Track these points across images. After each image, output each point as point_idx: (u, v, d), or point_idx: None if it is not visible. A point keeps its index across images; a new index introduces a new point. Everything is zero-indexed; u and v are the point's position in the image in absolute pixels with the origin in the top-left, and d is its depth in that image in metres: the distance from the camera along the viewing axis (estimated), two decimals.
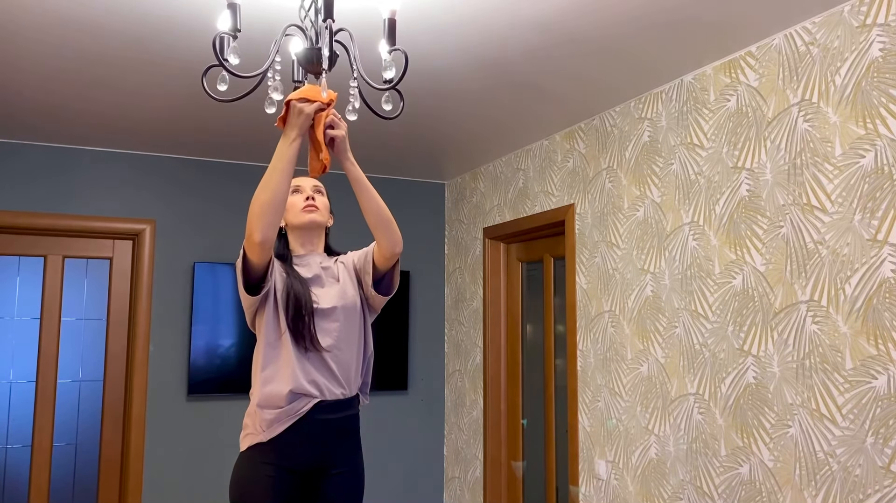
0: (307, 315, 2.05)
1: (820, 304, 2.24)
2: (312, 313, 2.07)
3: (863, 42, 2.14)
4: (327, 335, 2.08)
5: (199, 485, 4.00)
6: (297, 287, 2.08)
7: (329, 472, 2.11)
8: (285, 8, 2.29)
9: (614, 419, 3.11)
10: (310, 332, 2.05)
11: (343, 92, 2.94)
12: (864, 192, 2.12)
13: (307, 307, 2.06)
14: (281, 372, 2.04)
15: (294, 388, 2.02)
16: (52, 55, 2.67)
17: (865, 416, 2.08)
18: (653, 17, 2.34)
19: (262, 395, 2.05)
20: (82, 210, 3.91)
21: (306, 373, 2.05)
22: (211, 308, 4.03)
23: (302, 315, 2.05)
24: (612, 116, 3.23)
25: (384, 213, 2.05)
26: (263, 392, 2.04)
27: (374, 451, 4.43)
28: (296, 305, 2.05)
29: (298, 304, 2.05)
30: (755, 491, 2.43)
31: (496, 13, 2.33)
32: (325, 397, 2.06)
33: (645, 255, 2.99)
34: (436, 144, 3.90)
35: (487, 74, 2.86)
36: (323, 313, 2.09)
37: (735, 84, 2.59)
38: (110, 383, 3.97)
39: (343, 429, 2.12)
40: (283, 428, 2.03)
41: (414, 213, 4.69)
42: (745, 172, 2.53)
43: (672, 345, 2.82)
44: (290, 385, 2.02)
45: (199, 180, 4.17)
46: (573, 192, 3.47)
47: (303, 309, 2.05)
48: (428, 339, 4.66)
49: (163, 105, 3.24)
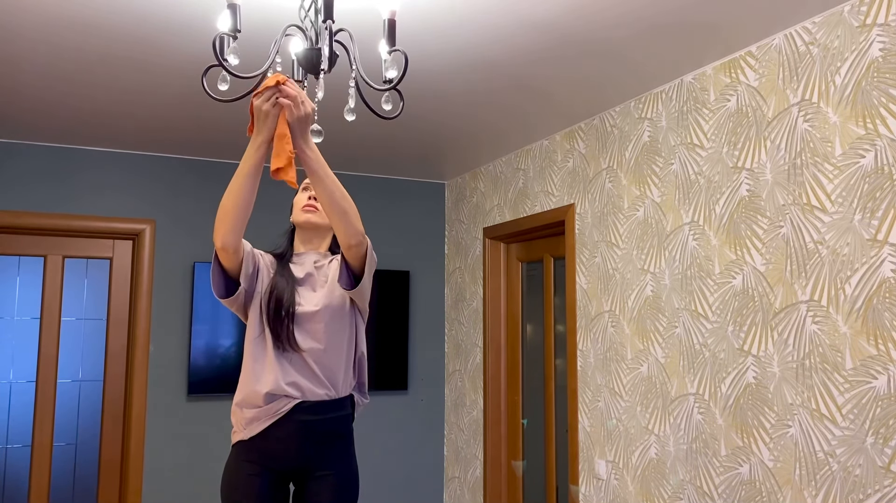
0: (287, 317, 2.04)
1: (820, 304, 2.23)
2: (292, 315, 2.05)
3: (863, 42, 2.14)
4: (309, 337, 2.06)
5: (199, 485, 4.00)
6: (280, 287, 2.07)
7: (313, 475, 2.09)
8: (285, 8, 2.29)
9: (614, 419, 3.11)
10: (287, 333, 2.03)
11: (343, 92, 2.94)
12: (864, 192, 2.12)
13: (287, 309, 2.04)
14: (262, 371, 2.04)
15: (272, 390, 2.02)
16: (52, 55, 2.67)
17: (865, 416, 2.08)
18: (653, 17, 2.34)
19: (241, 395, 2.05)
20: (82, 210, 3.91)
21: (286, 373, 2.03)
22: (211, 308, 4.03)
23: (281, 316, 2.03)
24: (612, 116, 3.23)
25: (337, 204, 1.90)
26: (242, 391, 2.05)
27: (374, 451, 4.43)
28: (276, 306, 2.04)
29: (279, 305, 2.04)
30: (755, 491, 2.43)
31: (496, 13, 2.33)
32: (306, 398, 2.04)
33: (645, 255, 2.99)
34: (436, 144, 3.90)
35: (488, 75, 2.86)
36: (306, 316, 2.07)
37: (735, 84, 2.59)
38: (110, 383, 3.97)
39: (328, 430, 2.08)
40: (262, 427, 2.02)
41: (414, 213, 4.69)
42: (745, 172, 2.53)
43: (672, 345, 2.82)
44: (268, 386, 2.02)
45: (199, 180, 4.17)
46: (573, 192, 3.47)
47: (282, 310, 2.04)
48: (428, 339, 4.66)
49: (163, 105, 3.24)
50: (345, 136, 3.72)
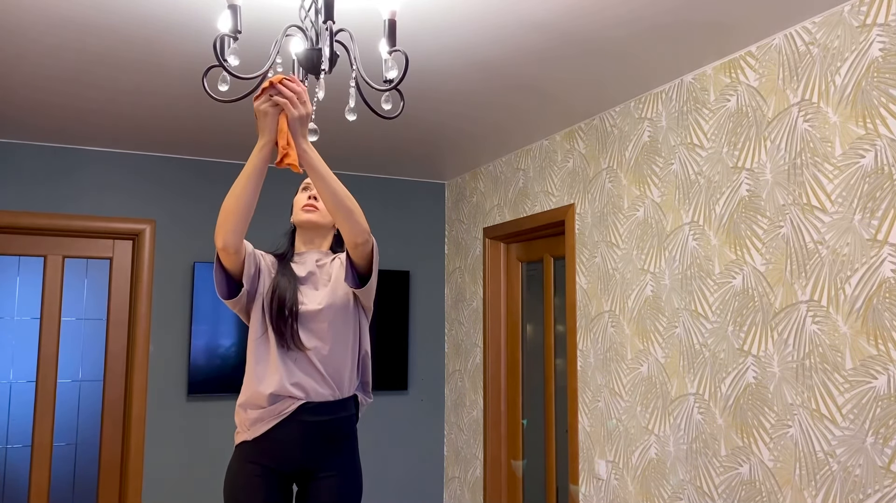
0: (290, 316, 2.04)
1: (820, 304, 2.24)
2: (296, 314, 2.04)
3: (863, 42, 2.14)
4: (313, 336, 2.06)
5: (199, 485, 4.00)
6: (283, 286, 2.07)
7: (317, 475, 2.09)
8: (285, 8, 2.29)
9: (614, 419, 3.11)
10: (291, 332, 2.03)
11: (343, 92, 2.94)
12: (864, 192, 2.12)
13: (290, 308, 2.04)
14: (266, 372, 2.04)
15: (276, 391, 2.01)
16: (51, 55, 2.67)
17: (865, 416, 2.08)
18: (653, 17, 2.34)
19: (245, 396, 2.05)
20: (82, 210, 3.91)
21: (290, 374, 2.03)
22: (211, 308, 4.03)
23: (284, 315, 2.03)
24: (612, 116, 3.23)
25: (342, 203, 1.90)
26: (246, 393, 2.05)
27: (374, 451, 4.43)
28: (279, 305, 2.04)
29: (282, 304, 2.04)
30: (755, 491, 2.43)
31: (496, 13, 2.33)
32: (310, 399, 2.04)
33: (645, 255, 2.99)
34: (436, 144, 3.90)
35: (488, 74, 2.86)
36: (310, 315, 2.06)
37: (735, 84, 2.59)
38: (110, 383, 3.97)
39: (332, 431, 2.08)
40: (267, 428, 2.02)
41: (414, 213, 4.69)
42: (745, 172, 2.53)
43: (672, 345, 2.82)
44: (272, 387, 2.01)
45: (199, 180, 4.17)
46: (573, 192, 3.47)
47: (286, 309, 2.04)
48: (428, 339, 4.66)
49: (163, 105, 3.24)
50: (345, 136, 3.72)
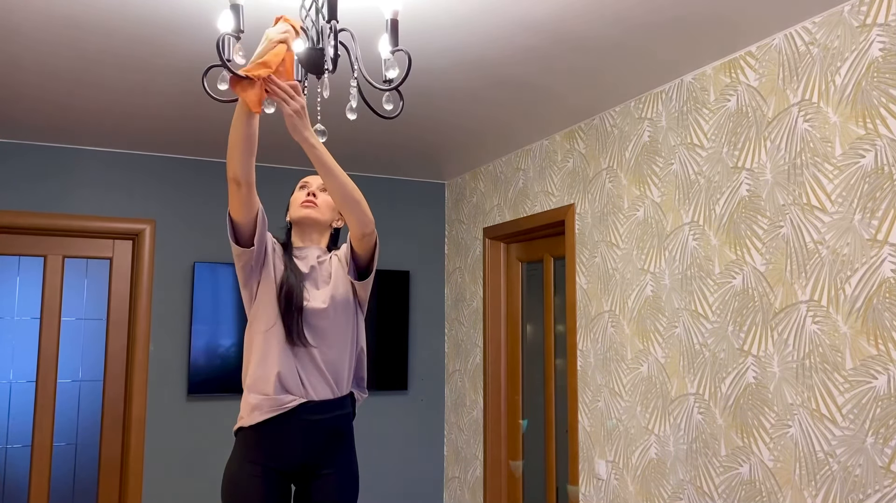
0: (296, 310, 2.06)
1: (820, 304, 2.24)
2: (302, 310, 2.07)
3: (863, 42, 2.15)
4: (317, 334, 2.09)
5: (199, 485, 3.99)
6: (291, 281, 2.09)
7: (318, 473, 2.11)
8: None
9: (614, 419, 3.11)
10: (298, 328, 2.06)
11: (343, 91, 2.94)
12: (864, 192, 2.12)
13: (297, 303, 2.07)
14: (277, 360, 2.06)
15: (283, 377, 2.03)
16: (52, 55, 2.67)
17: (865, 416, 2.08)
18: (652, 16, 2.34)
19: (251, 378, 2.07)
20: (82, 210, 3.91)
21: (294, 369, 2.06)
22: (211, 308, 4.03)
23: (292, 310, 2.06)
24: (612, 116, 3.23)
25: (349, 194, 1.97)
26: (252, 375, 2.06)
27: (374, 451, 4.43)
28: (287, 298, 2.07)
29: (290, 298, 2.07)
30: (755, 491, 2.43)
31: (496, 13, 2.33)
32: (311, 397, 2.07)
33: (645, 255, 2.99)
34: (436, 144, 3.91)
35: (488, 74, 2.86)
36: (314, 313, 2.10)
37: (735, 84, 2.59)
38: (110, 383, 3.97)
39: (332, 429, 2.11)
40: (264, 417, 2.03)
41: (414, 213, 4.69)
42: (745, 172, 2.53)
43: (672, 345, 2.82)
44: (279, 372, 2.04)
45: (199, 180, 4.17)
46: (573, 192, 3.47)
47: (293, 304, 2.07)
48: (428, 339, 4.66)
49: (163, 105, 3.24)
50: (344, 136, 3.72)
